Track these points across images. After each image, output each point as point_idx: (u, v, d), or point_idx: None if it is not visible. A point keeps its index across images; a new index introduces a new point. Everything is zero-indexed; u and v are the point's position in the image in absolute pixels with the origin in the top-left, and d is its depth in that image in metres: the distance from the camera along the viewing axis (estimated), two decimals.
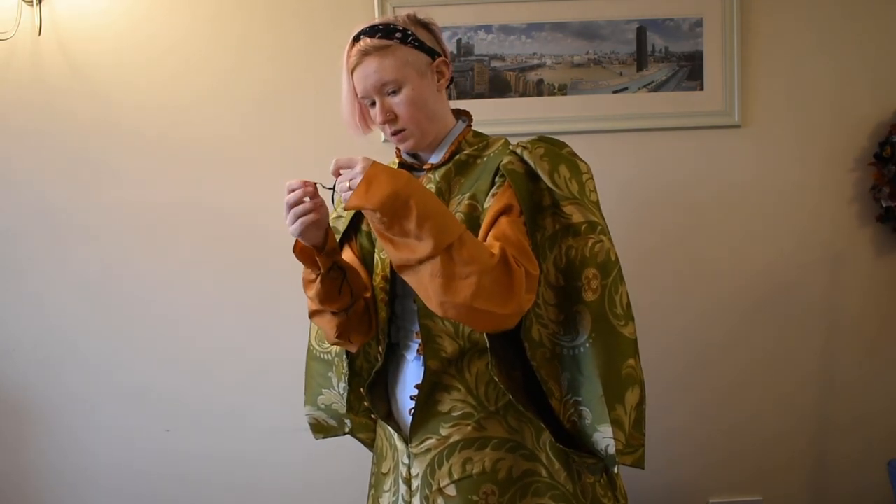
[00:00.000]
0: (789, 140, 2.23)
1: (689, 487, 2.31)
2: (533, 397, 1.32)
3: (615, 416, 1.25)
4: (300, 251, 1.29)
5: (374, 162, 1.14)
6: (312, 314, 1.39)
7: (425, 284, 1.14)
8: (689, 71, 2.21)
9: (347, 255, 1.46)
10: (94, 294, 2.25)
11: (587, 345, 1.26)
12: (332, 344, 1.43)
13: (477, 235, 1.27)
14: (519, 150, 1.30)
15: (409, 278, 1.16)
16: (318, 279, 1.29)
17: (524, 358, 1.28)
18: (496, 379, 1.28)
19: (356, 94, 1.35)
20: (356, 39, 1.32)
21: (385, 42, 1.30)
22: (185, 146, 2.22)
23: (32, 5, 2.15)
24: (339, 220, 1.48)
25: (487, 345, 1.29)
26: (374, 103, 1.34)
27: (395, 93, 1.31)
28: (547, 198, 1.28)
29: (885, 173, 2.18)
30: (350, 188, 1.13)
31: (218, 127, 2.22)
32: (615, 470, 1.28)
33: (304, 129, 2.22)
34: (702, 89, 2.21)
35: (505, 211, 1.25)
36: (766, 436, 2.30)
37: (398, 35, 1.31)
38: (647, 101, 2.22)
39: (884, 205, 2.19)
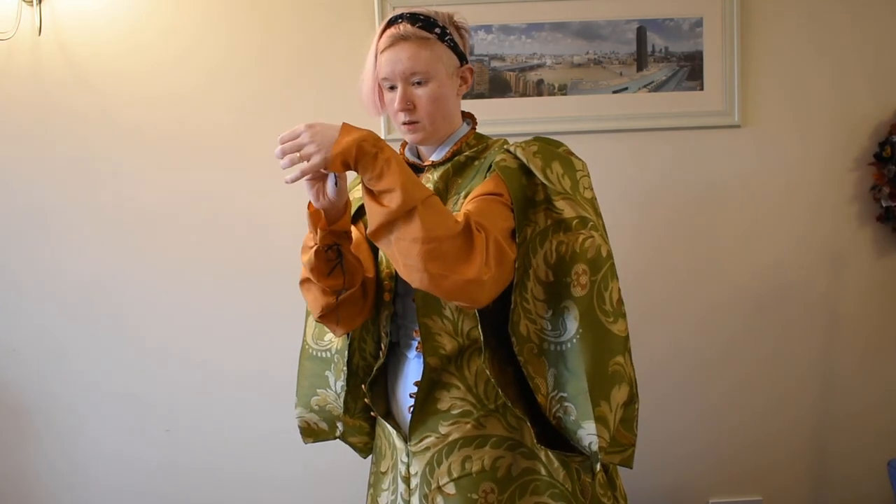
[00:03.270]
0: (789, 140, 2.23)
1: (689, 487, 2.31)
2: (526, 396, 1.32)
3: (599, 413, 1.23)
4: (311, 212, 1.27)
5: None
6: (302, 282, 1.37)
7: (392, 251, 1.13)
8: (689, 71, 2.21)
9: (354, 232, 1.44)
10: (95, 293, 2.25)
11: (574, 341, 1.25)
12: (317, 321, 1.41)
13: None
14: (512, 149, 1.31)
15: (383, 247, 1.15)
16: (313, 250, 1.28)
17: (515, 355, 1.28)
18: (487, 371, 1.29)
19: (378, 75, 1.34)
20: (392, 22, 1.32)
21: (425, 34, 1.30)
22: (187, 146, 2.22)
23: (32, 5, 2.15)
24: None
25: (481, 337, 1.29)
26: (393, 87, 1.33)
27: (420, 84, 1.32)
28: (540, 193, 1.28)
29: (885, 173, 2.18)
30: (307, 150, 1.12)
31: (220, 126, 2.22)
32: (598, 467, 1.27)
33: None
34: (702, 89, 2.21)
35: (487, 194, 1.25)
36: (767, 436, 2.30)
37: (437, 31, 1.32)
38: (647, 101, 2.22)
39: (884, 205, 2.19)
